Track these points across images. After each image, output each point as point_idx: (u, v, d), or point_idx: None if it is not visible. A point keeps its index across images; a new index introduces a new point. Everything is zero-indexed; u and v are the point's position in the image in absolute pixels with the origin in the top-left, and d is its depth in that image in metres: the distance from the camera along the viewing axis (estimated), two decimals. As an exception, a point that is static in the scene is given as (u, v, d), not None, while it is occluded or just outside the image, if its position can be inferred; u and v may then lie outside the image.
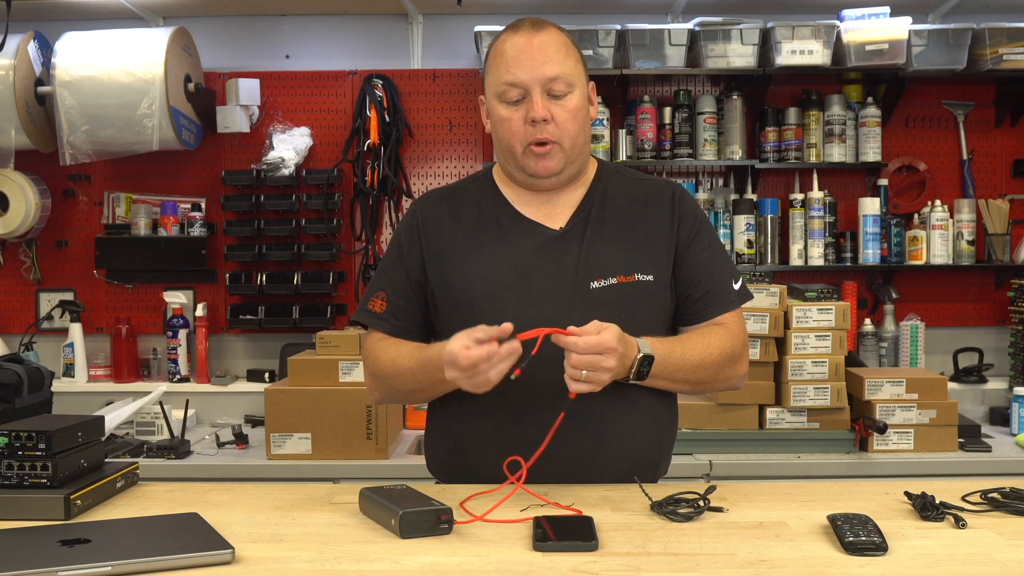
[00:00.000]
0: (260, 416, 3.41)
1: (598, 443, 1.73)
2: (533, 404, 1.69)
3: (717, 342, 1.77)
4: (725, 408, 2.97)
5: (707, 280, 1.81)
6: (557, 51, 1.77)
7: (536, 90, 1.74)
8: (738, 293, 1.84)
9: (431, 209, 1.87)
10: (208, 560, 1.28)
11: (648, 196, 1.85)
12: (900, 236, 3.67)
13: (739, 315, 1.84)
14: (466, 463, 1.79)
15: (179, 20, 3.73)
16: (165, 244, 3.67)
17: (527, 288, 1.75)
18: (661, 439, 1.82)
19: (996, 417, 3.40)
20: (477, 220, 1.83)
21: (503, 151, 1.82)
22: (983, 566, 1.27)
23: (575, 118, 1.77)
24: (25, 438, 1.54)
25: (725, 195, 3.69)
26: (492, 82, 1.80)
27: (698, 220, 1.86)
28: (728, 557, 1.31)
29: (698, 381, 1.77)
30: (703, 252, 1.83)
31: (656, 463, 1.83)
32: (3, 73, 3.41)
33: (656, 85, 3.75)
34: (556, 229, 1.80)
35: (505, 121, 1.77)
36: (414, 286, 1.84)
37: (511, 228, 1.81)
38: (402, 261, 1.86)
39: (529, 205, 1.84)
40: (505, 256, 1.78)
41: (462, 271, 1.79)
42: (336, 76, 3.77)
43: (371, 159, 3.68)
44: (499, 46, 1.80)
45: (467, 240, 1.81)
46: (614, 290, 1.74)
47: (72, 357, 3.66)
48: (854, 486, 1.73)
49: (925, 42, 3.45)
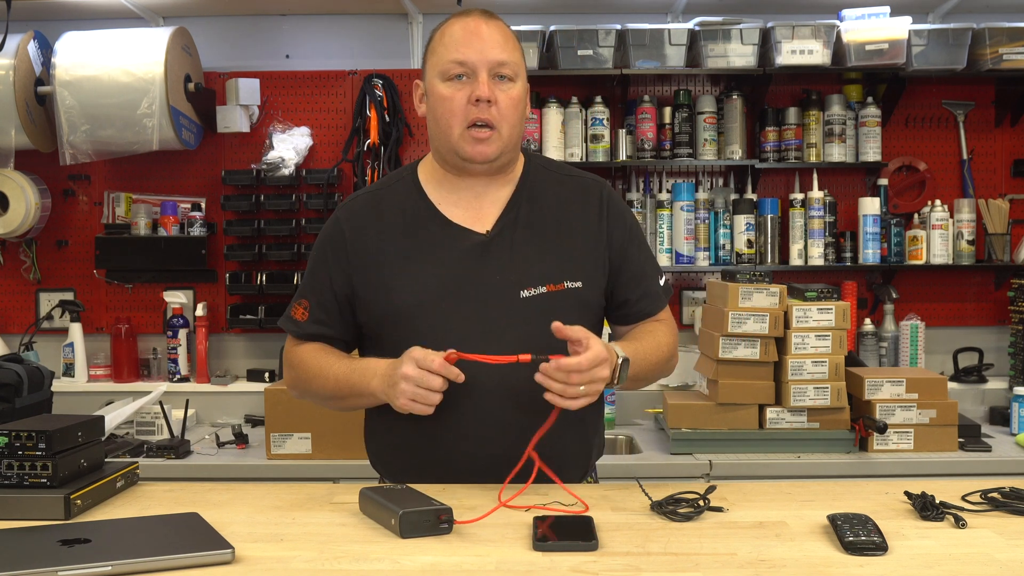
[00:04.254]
0: (260, 416, 3.41)
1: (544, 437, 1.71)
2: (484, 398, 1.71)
3: (665, 340, 1.85)
4: (725, 408, 2.97)
5: (644, 282, 1.86)
6: (506, 40, 1.77)
7: (483, 71, 1.74)
8: (664, 289, 1.91)
9: (355, 220, 1.83)
10: (208, 560, 1.28)
11: (577, 196, 1.85)
12: (900, 236, 3.67)
13: (668, 310, 1.93)
14: (413, 457, 1.78)
15: (179, 20, 3.73)
16: (165, 244, 3.67)
17: (457, 299, 1.73)
18: (596, 416, 1.87)
19: (996, 417, 3.40)
20: (402, 228, 1.80)
21: (439, 133, 1.79)
22: (983, 566, 1.27)
23: (516, 107, 1.77)
24: (25, 438, 1.54)
25: (725, 195, 3.69)
26: (436, 62, 1.77)
27: (628, 222, 1.87)
28: (728, 557, 1.31)
29: (651, 379, 1.85)
30: (636, 255, 1.86)
31: (588, 458, 1.87)
32: (3, 73, 3.41)
33: (656, 85, 3.75)
34: (483, 233, 1.78)
35: (446, 100, 1.75)
36: (338, 297, 1.82)
37: (437, 235, 1.79)
38: (327, 272, 1.83)
39: (455, 206, 1.81)
40: (432, 267, 1.76)
41: (389, 285, 1.76)
42: (336, 76, 3.77)
43: (371, 159, 3.68)
44: (447, 28, 1.79)
45: (392, 252, 1.78)
46: (544, 299, 1.74)
47: (72, 357, 3.66)
48: (854, 486, 1.73)
49: (925, 42, 3.45)
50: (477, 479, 1.69)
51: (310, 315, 1.84)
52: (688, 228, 3.60)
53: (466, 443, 1.72)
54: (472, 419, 1.71)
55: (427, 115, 1.82)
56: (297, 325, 1.86)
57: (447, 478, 1.69)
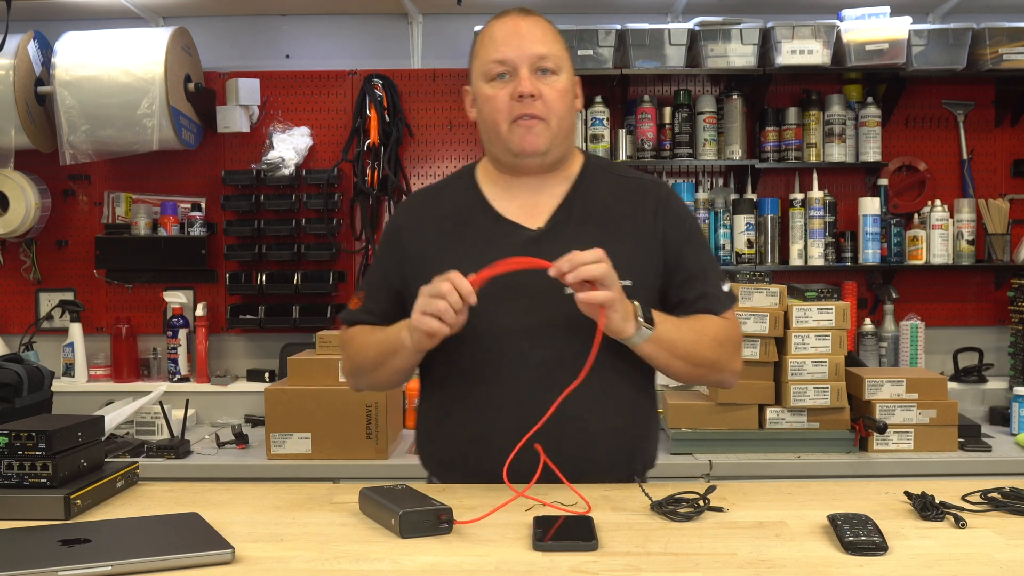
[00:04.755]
0: (260, 416, 3.41)
1: (581, 437, 1.71)
2: (526, 401, 1.70)
3: (712, 325, 1.78)
4: (725, 408, 2.97)
5: (702, 283, 1.81)
6: (545, 34, 1.77)
7: (524, 67, 1.73)
8: (728, 295, 1.85)
9: (410, 213, 1.89)
10: (208, 560, 1.28)
11: (633, 196, 1.83)
12: (900, 236, 3.67)
13: (733, 314, 1.85)
14: (464, 461, 1.79)
15: (179, 20, 3.73)
16: (165, 244, 3.67)
17: (503, 293, 1.73)
18: (642, 432, 1.84)
19: (996, 417, 3.40)
20: (455, 222, 1.82)
21: (488, 132, 1.79)
22: (983, 566, 1.27)
23: (562, 98, 1.76)
24: (25, 438, 1.54)
25: (725, 195, 3.69)
26: (479, 64, 1.79)
27: (687, 223, 1.84)
28: (728, 557, 1.31)
29: (697, 360, 1.75)
30: (694, 256, 1.82)
31: (630, 461, 1.82)
32: (3, 73, 3.41)
33: (656, 85, 3.75)
34: (534, 229, 1.78)
35: (490, 99, 1.75)
36: (390, 291, 1.85)
37: (489, 230, 1.79)
38: (383, 264, 1.89)
39: (509, 203, 1.81)
40: (481, 261, 1.74)
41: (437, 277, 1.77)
42: (336, 76, 3.77)
43: (371, 159, 3.68)
44: (487, 30, 1.80)
45: (444, 245, 1.80)
46: None
47: (72, 357, 3.66)
48: (854, 486, 1.72)
49: (925, 42, 3.45)
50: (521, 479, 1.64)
51: (362, 305, 1.89)
52: (688, 228, 3.60)
53: (509, 437, 1.67)
54: (514, 412, 1.70)
55: (477, 119, 1.83)
56: (349, 313, 1.92)
57: (494, 473, 1.65)
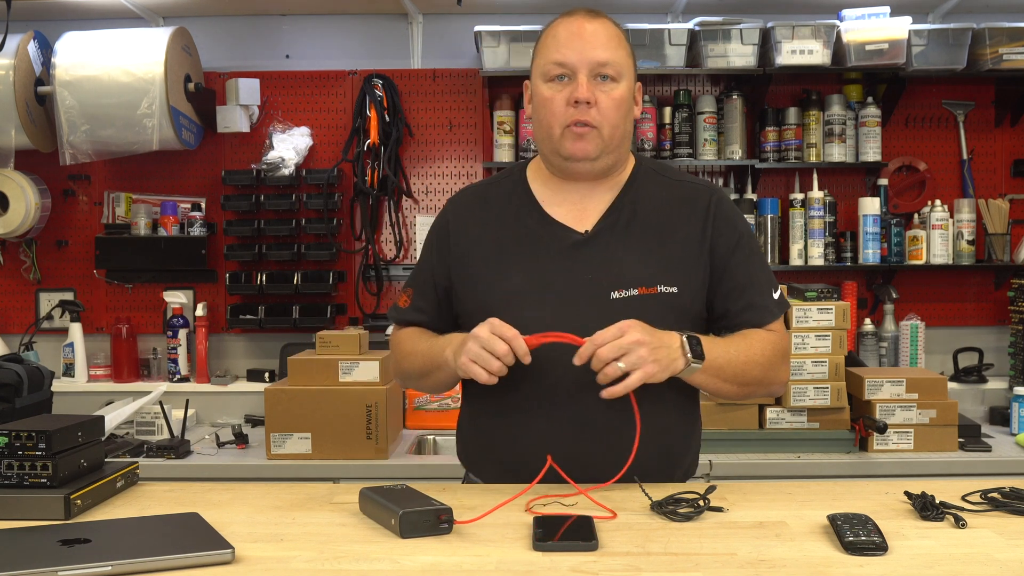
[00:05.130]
0: (260, 416, 3.41)
1: (620, 443, 1.68)
2: (562, 400, 1.70)
3: (759, 343, 1.75)
4: (725, 408, 2.97)
5: (749, 293, 1.78)
6: (610, 39, 1.75)
7: (583, 72, 1.72)
8: (778, 303, 1.82)
9: (460, 211, 1.88)
10: (208, 560, 1.28)
11: (683, 201, 1.81)
12: (900, 236, 3.67)
13: (781, 324, 1.83)
14: (496, 457, 1.79)
15: (179, 20, 3.73)
16: (165, 244, 3.67)
17: (546, 296, 1.73)
18: (687, 434, 1.82)
19: (996, 417, 3.40)
20: (504, 223, 1.82)
21: (542, 133, 1.79)
22: (983, 566, 1.27)
23: (619, 107, 1.74)
24: (25, 438, 1.54)
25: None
26: (540, 63, 1.78)
27: (738, 230, 1.81)
28: (728, 557, 1.31)
29: (746, 381, 1.74)
30: (742, 265, 1.79)
31: (679, 465, 1.81)
32: (3, 73, 3.41)
33: (656, 85, 3.75)
34: (582, 232, 1.77)
35: (548, 101, 1.75)
36: (437, 288, 1.86)
37: (536, 232, 1.79)
38: (430, 262, 1.88)
39: (559, 205, 1.81)
40: (527, 262, 1.77)
41: (483, 277, 1.79)
42: (336, 76, 3.77)
43: (371, 159, 3.68)
44: (552, 29, 1.79)
45: (491, 245, 1.80)
46: (635, 301, 1.71)
47: (72, 357, 3.66)
48: (854, 486, 1.72)
49: (925, 42, 3.45)
50: (558, 479, 1.65)
51: (411, 303, 1.89)
52: (688, 228, 3.60)
53: (546, 445, 1.68)
54: (551, 420, 1.70)
55: (532, 116, 1.82)
56: (398, 312, 1.92)
57: (530, 478, 1.65)
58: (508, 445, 1.76)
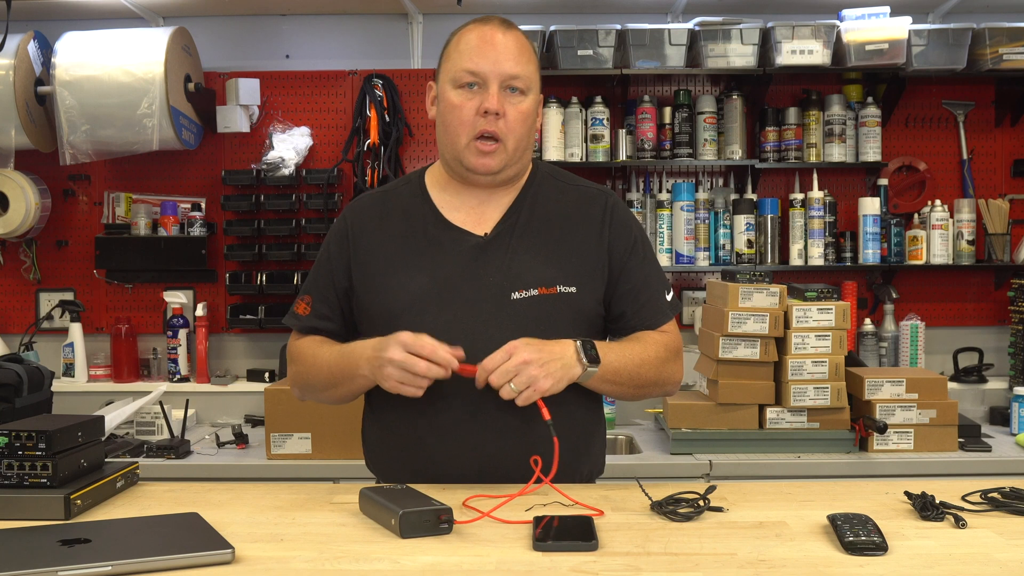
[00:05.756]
0: (260, 416, 3.41)
1: (517, 444, 1.71)
2: (470, 403, 1.71)
3: (653, 345, 1.80)
4: (725, 408, 2.97)
5: (644, 294, 1.83)
6: (521, 53, 1.77)
7: (494, 83, 1.74)
8: (671, 304, 1.87)
9: (360, 216, 1.87)
10: (208, 560, 1.28)
11: (580, 204, 1.85)
12: (900, 236, 3.67)
13: (674, 324, 1.87)
14: (408, 462, 1.78)
15: (179, 20, 3.73)
16: (165, 244, 3.67)
17: (449, 299, 1.74)
18: (579, 444, 1.80)
19: (996, 417, 3.40)
20: (404, 228, 1.83)
21: (446, 139, 1.80)
22: (983, 566, 1.27)
23: (525, 121, 1.77)
24: (25, 438, 1.54)
25: (725, 195, 3.69)
26: (450, 68, 1.79)
27: (633, 234, 1.85)
28: (728, 557, 1.31)
29: (641, 383, 1.78)
30: (639, 267, 1.84)
31: (575, 468, 1.79)
32: (3, 73, 3.41)
33: (656, 85, 3.75)
34: (481, 235, 1.79)
35: (456, 108, 1.76)
36: (339, 292, 1.85)
37: (436, 236, 1.80)
38: (330, 267, 1.87)
39: (457, 210, 1.83)
40: (428, 267, 1.78)
41: (385, 283, 1.79)
42: (336, 76, 3.77)
43: (371, 159, 3.68)
44: (464, 34, 1.80)
45: (392, 250, 1.81)
46: (535, 302, 1.74)
47: (72, 357, 3.66)
48: (854, 486, 1.73)
49: (925, 42, 3.45)
50: (469, 480, 1.69)
51: (312, 309, 1.87)
52: (688, 228, 3.61)
53: (458, 445, 1.72)
54: (464, 421, 1.72)
55: (436, 119, 1.83)
56: (298, 319, 1.89)
57: (441, 480, 1.69)
58: (417, 446, 1.75)
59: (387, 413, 1.80)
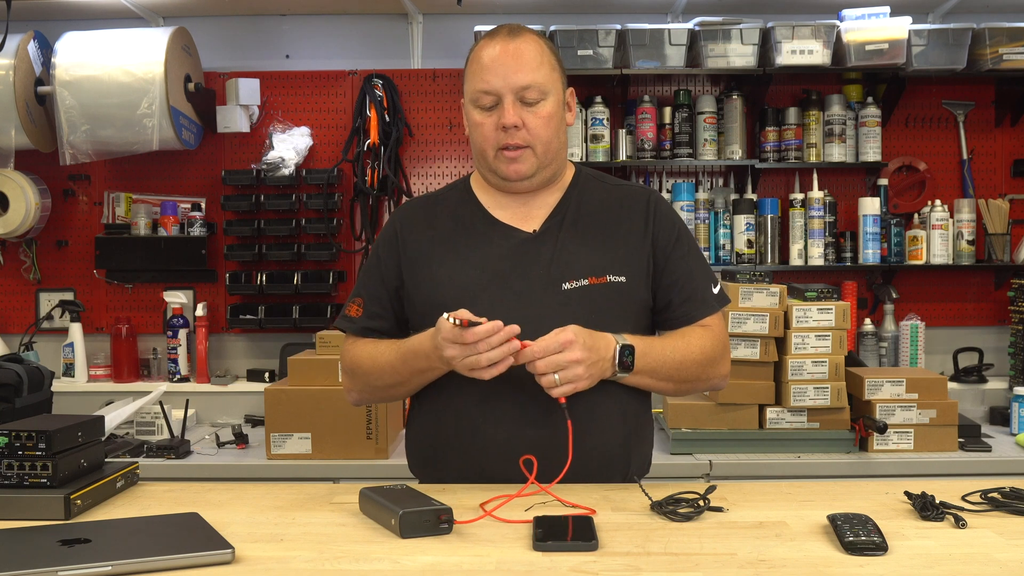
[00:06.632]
0: (260, 416, 3.41)
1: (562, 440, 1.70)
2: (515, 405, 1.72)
3: (697, 341, 1.81)
4: (725, 408, 2.97)
5: (688, 286, 1.84)
6: (532, 59, 1.79)
7: (508, 97, 1.77)
8: (717, 297, 1.88)
9: (408, 217, 1.91)
10: (208, 560, 1.28)
11: (623, 201, 1.88)
12: (900, 236, 3.67)
13: (719, 318, 1.88)
14: (445, 464, 1.80)
15: (179, 20, 3.73)
16: (165, 244, 3.67)
17: (500, 290, 1.76)
18: (630, 439, 1.82)
19: (996, 417, 3.40)
20: (452, 226, 1.86)
21: (477, 154, 1.85)
22: (983, 566, 1.27)
23: (548, 124, 1.80)
24: (25, 438, 1.54)
25: (725, 195, 3.69)
26: (468, 88, 1.84)
27: (676, 227, 1.88)
28: (728, 557, 1.31)
29: (682, 379, 1.80)
30: (683, 259, 1.86)
31: (626, 463, 1.81)
32: (3, 73, 3.41)
33: (656, 85, 3.75)
34: (530, 232, 1.83)
35: (478, 126, 1.81)
36: (390, 293, 1.88)
37: (485, 232, 1.84)
38: (379, 268, 1.89)
39: (504, 209, 1.87)
40: (479, 259, 1.80)
41: (436, 275, 1.81)
42: (336, 76, 3.77)
43: (371, 159, 3.68)
44: (476, 53, 1.83)
45: (442, 246, 1.84)
46: (585, 291, 1.76)
47: (72, 357, 3.66)
48: (854, 486, 1.73)
49: (925, 42, 3.45)
50: (514, 469, 1.66)
51: (364, 310, 1.89)
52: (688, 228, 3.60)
53: (504, 433, 1.73)
54: (506, 411, 1.73)
55: (469, 136, 1.87)
56: (352, 321, 1.90)
57: (487, 471, 1.70)
58: (467, 438, 1.76)
59: (439, 407, 1.81)
